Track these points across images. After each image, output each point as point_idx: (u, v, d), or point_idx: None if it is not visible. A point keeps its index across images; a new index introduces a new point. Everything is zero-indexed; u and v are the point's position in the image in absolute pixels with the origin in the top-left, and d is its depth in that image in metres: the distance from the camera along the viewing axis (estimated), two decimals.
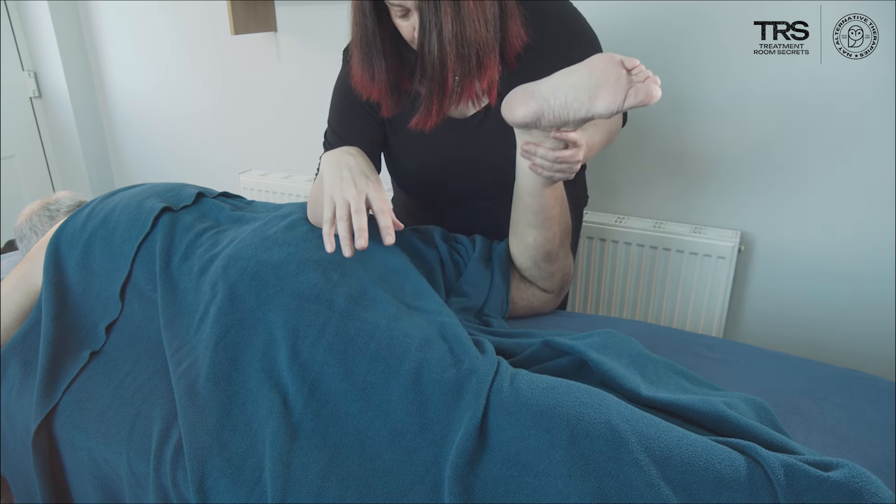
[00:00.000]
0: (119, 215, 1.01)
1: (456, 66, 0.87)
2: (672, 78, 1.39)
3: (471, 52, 0.86)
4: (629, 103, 0.74)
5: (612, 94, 0.74)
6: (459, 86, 0.90)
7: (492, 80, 0.92)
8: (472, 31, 0.85)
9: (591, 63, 0.76)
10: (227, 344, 0.81)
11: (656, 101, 0.74)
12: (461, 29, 0.84)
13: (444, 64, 0.86)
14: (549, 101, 0.77)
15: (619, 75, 0.74)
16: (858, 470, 0.57)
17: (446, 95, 0.90)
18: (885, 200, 1.26)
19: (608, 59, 0.75)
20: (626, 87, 0.74)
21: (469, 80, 0.89)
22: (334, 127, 1.06)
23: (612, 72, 0.74)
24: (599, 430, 0.62)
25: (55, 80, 2.33)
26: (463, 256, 1.05)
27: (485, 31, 0.86)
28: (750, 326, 1.51)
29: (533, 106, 0.78)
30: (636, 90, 0.74)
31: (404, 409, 0.71)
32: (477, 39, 0.86)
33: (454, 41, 0.85)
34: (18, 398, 0.91)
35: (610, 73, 0.74)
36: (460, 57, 0.86)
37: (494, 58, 0.90)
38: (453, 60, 0.86)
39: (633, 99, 0.74)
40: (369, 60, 0.93)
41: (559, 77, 0.78)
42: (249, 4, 1.79)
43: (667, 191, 1.50)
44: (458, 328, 0.80)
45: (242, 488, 0.70)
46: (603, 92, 0.75)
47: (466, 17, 0.84)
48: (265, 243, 0.90)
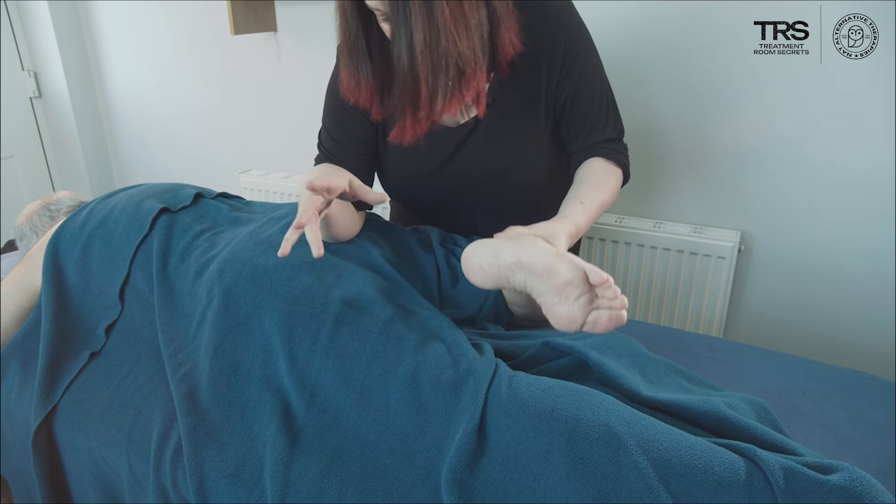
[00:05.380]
0: (118, 216, 1.01)
1: (430, 79, 0.79)
2: (671, 78, 1.38)
3: (448, 64, 0.78)
4: (587, 329, 0.66)
5: (569, 316, 0.65)
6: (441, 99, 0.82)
7: (479, 91, 0.85)
8: (448, 41, 0.76)
9: (554, 266, 0.66)
10: (225, 350, 0.81)
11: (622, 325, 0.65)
12: (435, 38, 0.76)
13: (416, 76, 0.79)
14: (508, 279, 0.71)
15: (580, 294, 0.65)
16: (858, 473, 0.57)
17: (420, 108, 0.82)
18: (885, 200, 1.26)
19: (573, 269, 0.65)
20: (586, 310, 0.65)
21: (449, 93, 0.81)
22: (327, 126, 1.03)
23: (574, 288, 0.65)
24: (598, 433, 0.62)
25: (55, 80, 2.33)
26: (460, 260, 1.03)
27: (466, 40, 0.78)
28: (750, 326, 1.51)
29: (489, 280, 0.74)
30: (598, 317, 0.65)
31: (403, 412, 0.71)
32: (456, 50, 0.77)
33: (427, 51, 0.76)
34: (18, 398, 0.91)
35: (573, 289, 0.65)
36: (435, 68, 0.78)
37: (480, 68, 0.81)
38: (427, 72, 0.78)
39: (592, 327, 0.65)
40: (354, 64, 0.87)
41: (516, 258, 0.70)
42: (249, 4, 1.79)
43: (667, 191, 1.50)
44: (456, 330, 0.79)
45: (242, 489, 0.70)
46: (561, 308, 0.66)
47: (442, 26, 0.75)
48: (260, 247, 0.90)
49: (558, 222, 0.83)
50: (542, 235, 0.78)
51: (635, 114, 1.42)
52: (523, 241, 0.73)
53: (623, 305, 0.64)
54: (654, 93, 1.42)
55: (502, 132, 0.97)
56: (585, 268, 0.64)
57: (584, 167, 0.97)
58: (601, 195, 0.91)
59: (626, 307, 0.64)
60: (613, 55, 1.37)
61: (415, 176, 1.03)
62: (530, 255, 0.68)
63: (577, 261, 0.65)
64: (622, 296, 0.63)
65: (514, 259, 0.70)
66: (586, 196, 0.90)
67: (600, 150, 0.97)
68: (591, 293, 0.65)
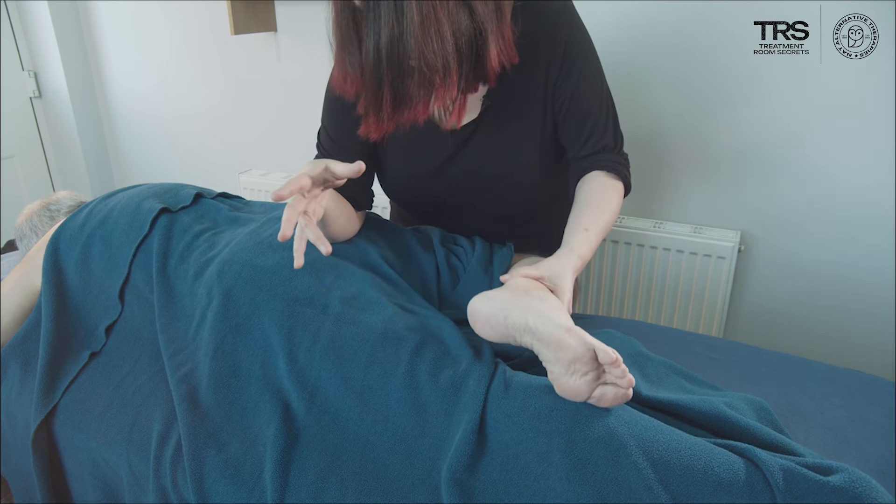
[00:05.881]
0: (118, 216, 1.01)
1: (396, 82, 0.78)
2: (672, 78, 1.38)
3: (413, 69, 0.77)
4: (592, 402, 0.65)
5: (575, 389, 0.65)
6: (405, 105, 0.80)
7: (450, 100, 0.84)
8: (414, 47, 0.75)
9: (563, 341, 0.64)
10: (225, 351, 0.81)
11: None
12: (401, 42, 0.75)
13: (380, 77, 0.77)
14: (516, 338, 0.70)
15: (587, 371, 0.64)
16: (858, 474, 0.57)
17: (383, 110, 0.81)
18: (885, 200, 1.26)
19: (582, 348, 0.63)
20: (593, 385, 0.64)
21: (414, 99, 0.80)
22: (326, 126, 1.03)
23: (583, 365, 0.64)
24: (598, 433, 0.62)
25: (55, 80, 2.33)
26: (462, 260, 1.02)
27: (435, 48, 0.76)
28: (750, 326, 1.51)
29: (496, 336, 0.72)
30: (603, 393, 0.64)
31: (403, 412, 0.71)
32: (423, 56, 0.75)
33: (393, 54, 0.75)
34: (18, 398, 0.91)
35: (581, 365, 0.64)
36: (400, 73, 0.77)
37: (450, 78, 0.79)
38: (391, 75, 0.77)
39: (597, 402, 0.65)
40: (343, 56, 0.86)
41: (525, 322, 0.69)
42: (249, 4, 1.78)
43: (667, 191, 1.50)
44: (456, 330, 0.79)
45: (242, 489, 0.70)
46: (567, 381, 0.65)
47: (409, 31, 0.74)
48: (259, 247, 0.90)
49: (565, 258, 0.82)
50: (549, 276, 0.77)
51: (636, 114, 1.42)
52: (532, 298, 0.72)
53: (630, 384, 0.63)
54: (654, 93, 1.42)
55: (502, 134, 0.96)
56: (595, 346, 0.63)
57: (585, 185, 0.94)
58: (604, 217, 0.89)
59: (632, 386, 0.64)
60: (614, 56, 1.37)
61: (414, 177, 1.03)
62: (539, 322, 0.68)
63: (586, 338, 0.64)
64: (630, 375, 0.63)
65: (523, 323, 0.69)
66: (590, 222, 0.88)
67: (600, 163, 0.95)
68: (599, 370, 0.64)
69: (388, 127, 0.84)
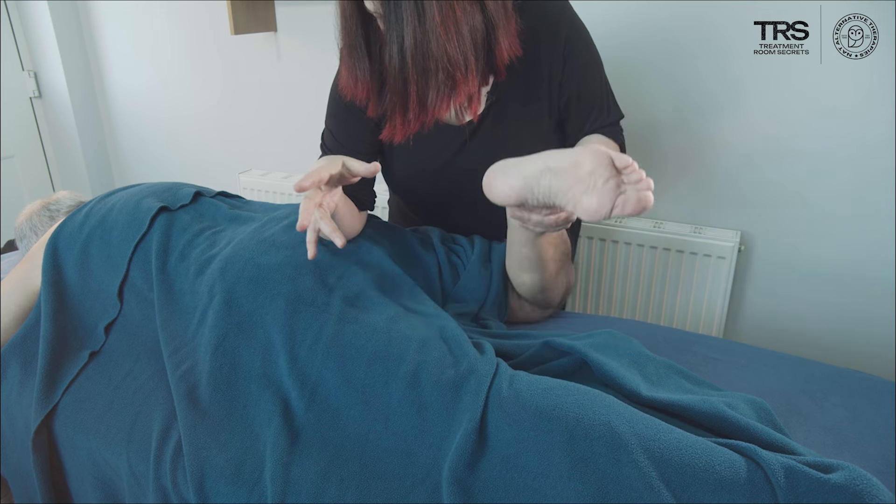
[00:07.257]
0: (117, 215, 1.01)
1: (420, 81, 0.81)
2: (671, 78, 1.39)
3: (437, 67, 0.80)
4: (617, 213, 0.67)
5: (598, 202, 0.67)
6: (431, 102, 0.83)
7: (470, 95, 0.87)
8: (437, 46, 0.78)
9: (579, 159, 0.68)
10: (226, 349, 0.81)
11: (649, 209, 0.67)
12: (425, 42, 0.77)
13: (406, 78, 0.81)
14: (533, 189, 0.72)
15: (607, 178, 0.67)
16: (859, 472, 0.57)
17: (410, 110, 0.85)
18: (885, 200, 1.26)
19: (598, 157, 0.67)
20: (614, 194, 0.67)
21: (439, 96, 0.83)
22: (331, 127, 1.04)
23: (601, 174, 0.67)
24: (599, 432, 0.62)
25: (55, 80, 2.33)
26: (462, 258, 1.04)
27: (456, 45, 0.79)
28: (750, 326, 1.51)
29: (513, 193, 0.74)
30: (626, 200, 0.67)
31: (404, 411, 0.71)
32: (446, 54, 0.79)
33: (417, 55, 0.78)
34: (18, 398, 0.91)
35: (598, 176, 0.67)
36: (424, 72, 0.80)
37: (470, 73, 0.83)
38: (416, 75, 0.80)
39: (621, 210, 0.67)
40: (353, 62, 0.89)
41: (543, 164, 0.72)
42: (249, 4, 1.79)
43: (667, 191, 1.50)
44: (458, 329, 0.79)
45: (242, 489, 0.70)
46: (589, 198, 0.67)
47: (431, 31, 0.77)
48: (262, 245, 0.90)
49: None
50: None
51: (636, 114, 1.42)
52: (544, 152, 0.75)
53: (649, 187, 0.65)
54: (654, 93, 1.42)
55: (505, 131, 0.98)
56: (610, 153, 0.66)
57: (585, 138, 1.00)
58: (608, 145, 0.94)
59: (651, 188, 0.65)
60: (613, 55, 1.37)
61: (419, 175, 1.04)
62: (555, 157, 0.71)
63: (601, 149, 0.68)
64: (648, 178, 0.65)
65: (542, 165, 0.72)
66: None
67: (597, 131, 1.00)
68: (618, 178, 0.66)
69: (413, 127, 0.87)
